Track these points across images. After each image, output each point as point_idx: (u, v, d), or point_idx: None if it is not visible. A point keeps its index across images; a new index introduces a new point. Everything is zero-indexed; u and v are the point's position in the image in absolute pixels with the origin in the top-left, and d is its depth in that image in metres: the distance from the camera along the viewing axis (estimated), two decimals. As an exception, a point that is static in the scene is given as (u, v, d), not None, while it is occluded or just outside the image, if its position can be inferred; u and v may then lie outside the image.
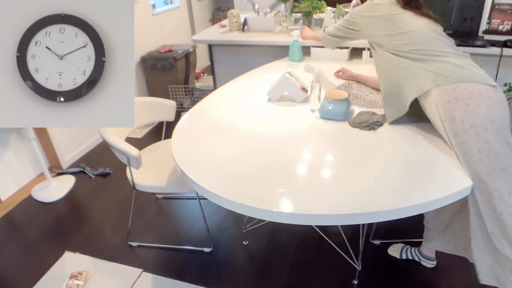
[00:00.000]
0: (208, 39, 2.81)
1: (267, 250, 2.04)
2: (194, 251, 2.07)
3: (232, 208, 1.16)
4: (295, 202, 1.12)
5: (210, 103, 1.83)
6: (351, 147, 1.39)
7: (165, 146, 2.16)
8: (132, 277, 1.91)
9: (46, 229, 2.27)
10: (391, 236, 2.04)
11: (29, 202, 2.53)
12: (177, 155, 1.39)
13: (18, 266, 2.01)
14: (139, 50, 3.63)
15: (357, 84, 1.97)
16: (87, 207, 2.46)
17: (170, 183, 1.80)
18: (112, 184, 2.69)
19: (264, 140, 1.47)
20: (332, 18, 2.83)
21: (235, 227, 2.22)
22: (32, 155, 2.73)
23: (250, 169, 1.28)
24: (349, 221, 1.11)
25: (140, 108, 2.08)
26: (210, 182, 1.23)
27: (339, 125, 1.56)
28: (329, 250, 2.01)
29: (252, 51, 2.84)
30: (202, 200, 2.36)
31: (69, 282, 1.83)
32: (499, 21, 2.36)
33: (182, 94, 3.73)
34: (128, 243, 2.13)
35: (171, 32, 4.24)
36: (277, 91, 1.82)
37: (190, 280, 1.88)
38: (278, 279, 1.86)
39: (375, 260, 1.93)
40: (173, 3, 4.40)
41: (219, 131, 1.56)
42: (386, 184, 1.18)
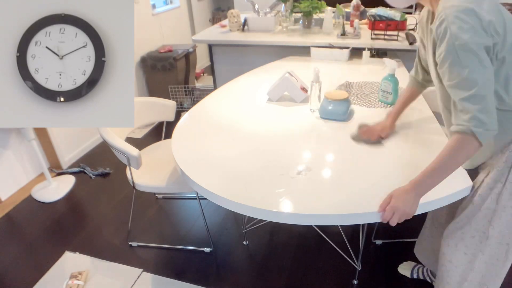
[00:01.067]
0: (208, 39, 2.81)
1: (267, 250, 2.04)
2: (194, 251, 2.06)
3: (232, 208, 1.16)
4: (295, 202, 1.12)
5: (210, 103, 1.83)
6: (351, 147, 1.39)
7: (165, 146, 2.15)
8: (132, 277, 1.91)
9: (46, 229, 2.27)
10: (393, 236, 2.04)
11: (29, 202, 2.53)
12: (177, 155, 1.39)
13: (18, 266, 2.01)
14: (139, 50, 3.63)
15: (357, 84, 1.97)
16: (87, 207, 2.46)
17: (170, 183, 1.80)
18: (112, 184, 2.69)
19: (264, 140, 1.47)
20: (332, 18, 2.83)
21: (235, 227, 2.22)
22: (32, 155, 2.73)
23: (250, 169, 1.28)
24: (349, 221, 1.11)
25: (140, 108, 2.08)
26: (210, 182, 1.23)
27: (339, 125, 1.56)
28: (329, 250, 2.00)
29: (252, 51, 2.84)
30: (202, 200, 2.36)
31: (69, 282, 1.83)
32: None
33: (182, 94, 3.73)
34: (128, 243, 2.13)
35: (171, 32, 4.24)
36: (277, 91, 1.82)
37: (190, 280, 1.88)
38: (278, 279, 1.86)
39: (375, 260, 1.93)
40: (173, 3, 4.39)
41: (219, 131, 1.56)
42: (386, 184, 1.18)
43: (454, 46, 0.99)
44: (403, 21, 2.59)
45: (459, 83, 1.01)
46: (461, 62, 0.99)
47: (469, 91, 0.99)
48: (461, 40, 0.97)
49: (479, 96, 0.99)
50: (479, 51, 0.98)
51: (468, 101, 1.00)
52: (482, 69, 0.99)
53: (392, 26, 2.52)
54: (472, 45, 0.97)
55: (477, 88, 0.98)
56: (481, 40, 0.97)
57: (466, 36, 0.97)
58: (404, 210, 1.03)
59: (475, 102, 0.99)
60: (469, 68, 0.98)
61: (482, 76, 0.99)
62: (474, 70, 0.98)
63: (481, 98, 0.99)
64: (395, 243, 2.02)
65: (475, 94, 0.99)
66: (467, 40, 0.97)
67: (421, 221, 1.69)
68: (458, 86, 1.02)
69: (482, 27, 0.97)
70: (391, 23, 2.52)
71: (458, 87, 1.02)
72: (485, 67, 0.99)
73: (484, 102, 0.99)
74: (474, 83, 0.99)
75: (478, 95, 0.99)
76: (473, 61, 0.98)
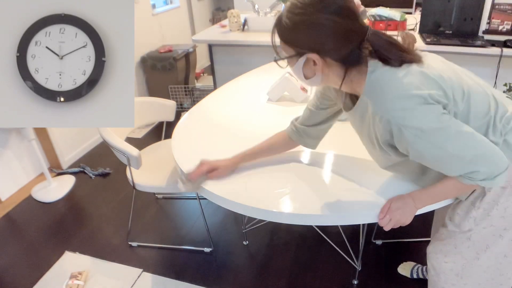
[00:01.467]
0: (208, 39, 2.81)
1: (267, 250, 2.04)
2: (194, 251, 2.06)
3: (232, 208, 1.16)
4: (295, 202, 1.12)
5: (210, 103, 1.83)
6: (351, 147, 1.39)
7: (165, 146, 2.15)
8: (132, 277, 1.91)
9: (46, 229, 2.27)
10: (393, 236, 2.04)
11: (29, 202, 2.53)
12: (177, 155, 1.39)
13: (18, 266, 2.01)
14: (139, 50, 3.63)
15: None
16: (87, 207, 2.46)
17: (170, 183, 1.80)
18: (112, 184, 2.69)
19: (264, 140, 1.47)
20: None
21: (235, 227, 2.22)
22: (32, 155, 2.73)
23: (250, 169, 1.28)
24: (349, 221, 1.11)
25: (140, 108, 2.08)
26: (210, 182, 1.22)
27: (339, 125, 1.56)
28: (329, 250, 2.00)
29: (252, 51, 2.84)
30: (202, 200, 2.36)
31: (69, 282, 1.83)
32: (499, 21, 2.36)
33: (182, 94, 3.73)
34: (128, 243, 2.13)
35: (171, 32, 4.24)
36: (277, 91, 1.82)
37: (190, 280, 1.88)
38: (278, 279, 1.86)
39: (375, 260, 1.93)
40: (173, 3, 4.39)
41: (219, 131, 1.56)
42: (386, 183, 1.18)
43: (420, 138, 0.88)
44: (403, 21, 2.59)
45: (448, 161, 0.92)
46: (438, 145, 0.89)
47: (462, 160, 0.90)
48: (422, 128, 0.87)
49: (480, 157, 0.90)
50: (443, 122, 0.88)
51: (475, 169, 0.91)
52: (461, 136, 0.89)
53: (393, 26, 2.52)
54: (434, 123, 0.87)
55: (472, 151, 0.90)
56: (437, 111, 0.88)
57: (424, 120, 0.87)
58: (400, 219, 1.05)
59: (482, 164, 0.90)
60: (449, 144, 0.89)
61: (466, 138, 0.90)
62: (455, 141, 0.89)
63: (483, 155, 0.90)
64: (395, 243, 2.02)
65: (475, 159, 0.90)
66: (427, 124, 0.87)
67: (421, 222, 1.69)
68: (449, 163, 0.93)
69: (428, 102, 0.87)
70: (391, 23, 2.53)
71: (450, 164, 0.93)
72: (461, 130, 0.89)
73: (487, 157, 0.90)
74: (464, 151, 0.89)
75: (479, 157, 0.90)
76: (448, 135, 0.88)
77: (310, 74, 1.00)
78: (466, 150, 0.90)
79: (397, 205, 1.06)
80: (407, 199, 1.06)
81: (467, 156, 0.90)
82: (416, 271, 1.82)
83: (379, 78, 0.92)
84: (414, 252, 1.96)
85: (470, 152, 0.90)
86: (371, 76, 0.93)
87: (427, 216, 1.63)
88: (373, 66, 0.94)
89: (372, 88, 0.93)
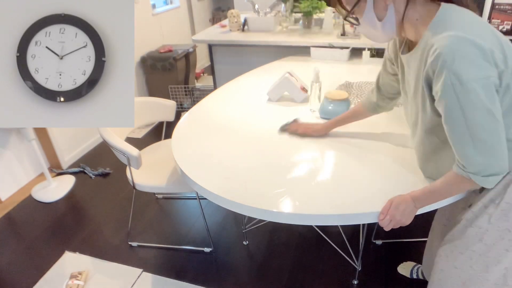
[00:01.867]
0: (208, 39, 2.81)
1: (267, 250, 2.04)
2: (194, 251, 2.06)
3: (232, 208, 1.16)
4: (295, 202, 1.12)
5: (210, 103, 1.83)
6: (351, 147, 1.39)
7: (165, 146, 2.15)
8: (132, 277, 1.91)
9: (46, 229, 2.27)
10: (393, 236, 2.04)
11: (29, 202, 2.53)
12: (177, 155, 1.39)
13: (18, 266, 2.01)
14: (139, 50, 3.63)
15: (357, 84, 1.97)
16: (87, 207, 2.46)
17: (170, 183, 1.80)
18: (112, 184, 2.69)
19: (264, 140, 1.47)
20: (332, 19, 2.83)
21: (235, 227, 2.22)
22: (32, 155, 2.73)
23: (250, 169, 1.28)
24: (349, 221, 1.11)
25: (140, 108, 2.08)
26: (210, 182, 1.22)
27: (340, 126, 1.56)
28: (329, 250, 2.00)
29: (252, 51, 2.84)
30: (202, 200, 2.36)
31: (69, 282, 1.83)
32: (499, 21, 2.36)
33: (182, 94, 3.73)
34: (128, 243, 2.13)
35: (171, 32, 4.24)
36: (277, 91, 1.82)
37: (190, 280, 1.88)
38: (278, 279, 1.86)
39: (375, 260, 1.93)
40: (173, 3, 4.40)
41: (219, 131, 1.56)
42: (386, 183, 1.18)
43: (454, 87, 0.85)
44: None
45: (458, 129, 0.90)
46: (462, 107, 0.86)
47: (472, 141, 0.88)
48: (462, 78, 0.83)
49: (486, 147, 0.88)
50: (483, 89, 0.84)
51: (473, 154, 0.90)
52: (486, 114, 0.85)
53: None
54: (475, 83, 0.83)
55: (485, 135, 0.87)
56: (486, 73, 0.84)
57: (469, 72, 0.83)
58: (400, 220, 1.05)
59: (482, 154, 0.89)
60: (471, 113, 0.86)
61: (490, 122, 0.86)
62: (478, 116, 0.86)
63: (489, 147, 0.88)
64: (395, 243, 2.02)
65: (480, 145, 0.88)
66: (469, 78, 0.83)
67: (421, 222, 1.69)
68: (459, 135, 0.91)
69: (485, 59, 0.84)
70: (391, 23, 2.52)
71: (460, 136, 0.91)
72: (492, 112, 0.86)
73: (492, 151, 0.89)
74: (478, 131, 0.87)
75: (485, 146, 0.88)
76: (476, 104, 0.85)
77: (383, 13, 0.98)
78: (480, 131, 0.87)
79: (398, 205, 1.06)
80: (407, 199, 1.06)
81: (477, 136, 0.87)
82: (416, 271, 1.82)
83: (448, 14, 0.91)
84: (414, 252, 1.96)
85: (482, 135, 0.87)
86: (440, 12, 0.92)
87: (427, 216, 1.63)
88: (446, 5, 0.93)
89: (438, 22, 0.92)
